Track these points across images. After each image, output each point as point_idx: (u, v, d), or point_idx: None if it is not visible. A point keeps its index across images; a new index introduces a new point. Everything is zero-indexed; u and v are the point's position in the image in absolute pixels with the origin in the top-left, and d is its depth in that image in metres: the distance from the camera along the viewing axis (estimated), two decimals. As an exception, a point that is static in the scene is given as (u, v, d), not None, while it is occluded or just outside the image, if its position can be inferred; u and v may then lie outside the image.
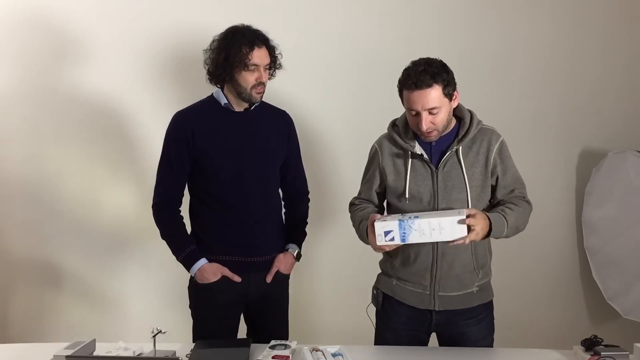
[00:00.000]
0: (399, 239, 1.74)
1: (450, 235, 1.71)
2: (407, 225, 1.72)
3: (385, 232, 1.74)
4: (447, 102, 1.83)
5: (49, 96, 2.77)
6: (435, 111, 1.80)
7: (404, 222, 1.72)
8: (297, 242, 2.20)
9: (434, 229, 1.71)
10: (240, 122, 2.05)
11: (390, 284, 2.01)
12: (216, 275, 2.03)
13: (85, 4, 2.73)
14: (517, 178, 1.95)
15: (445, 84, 1.80)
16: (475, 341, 1.97)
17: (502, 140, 1.92)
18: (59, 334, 2.84)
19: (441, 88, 1.79)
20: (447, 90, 1.81)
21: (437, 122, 1.82)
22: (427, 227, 1.71)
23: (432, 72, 1.78)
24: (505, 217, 1.83)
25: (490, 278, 2.01)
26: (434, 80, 1.77)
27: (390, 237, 1.74)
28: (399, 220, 1.73)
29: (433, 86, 1.78)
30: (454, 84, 1.85)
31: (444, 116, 1.83)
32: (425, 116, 1.80)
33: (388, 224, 1.74)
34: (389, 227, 1.74)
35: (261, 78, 1.99)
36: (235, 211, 2.04)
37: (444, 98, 1.81)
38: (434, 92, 1.78)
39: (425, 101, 1.78)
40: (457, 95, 1.88)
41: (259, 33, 2.00)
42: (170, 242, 2.08)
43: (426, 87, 1.77)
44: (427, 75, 1.77)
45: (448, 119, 1.87)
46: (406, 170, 1.92)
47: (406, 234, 1.73)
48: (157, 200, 2.08)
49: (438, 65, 1.81)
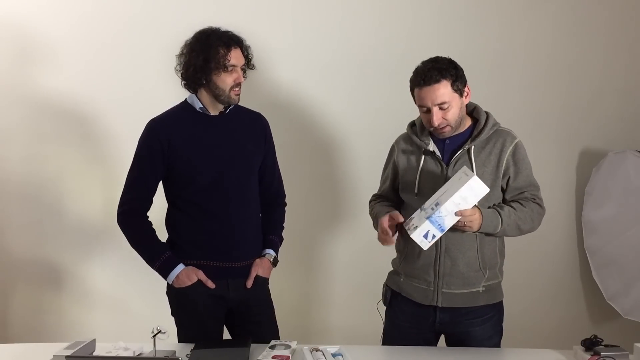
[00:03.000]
0: (439, 232, 1.77)
1: (474, 198, 1.75)
2: (437, 217, 1.75)
3: (424, 236, 1.77)
4: (458, 98, 1.86)
5: (49, 96, 2.77)
6: (445, 106, 1.84)
7: (433, 217, 1.75)
8: (274, 247, 2.16)
9: (459, 203, 1.74)
10: (217, 126, 2.01)
11: (398, 281, 2.04)
12: (191, 279, 1.98)
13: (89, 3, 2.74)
14: (531, 182, 1.95)
15: (453, 79, 1.84)
16: (480, 341, 1.97)
17: (517, 143, 1.93)
18: (59, 334, 2.84)
19: (450, 83, 1.83)
20: (456, 85, 1.85)
21: (449, 118, 1.86)
22: (452, 207, 1.75)
23: (440, 68, 1.83)
24: (500, 213, 1.86)
25: (500, 280, 2.01)
26: (441, 76, 1.82)
27: (432, 236, 1.77)
28: (426, 218, 1.76)
29: (441, 81, 1.82)
30: (464, 80, 1.88)
31: (456, 111, 1.86)
32: (435, 111, 1.84)
33: (422, 228, 1.77)
34: (424, 230, 1.77)
35: (239, 79, 1.97)
36: (214, 216, 2.00)
37: (453, 93, 1.85)
38: (443, 88, 1.82)
39: (435, 96, 1.82)
40: (468, 91, 1.91)
41: (231, 34, 1.98)
42: (143, 251, 2.02)
43: (434, 82, 1.82)
44: (434, 71, 1.82)
45: (461, 115, 1.89)
46: (418, 166, 1.95)
47: (441, 224, 1.76)
48: (124, 207, 2.01)
49: (446, 62, 1.85)
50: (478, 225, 1.82)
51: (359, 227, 2.87)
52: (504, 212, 1.87)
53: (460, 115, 1.89)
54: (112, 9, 2.75)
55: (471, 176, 1.73)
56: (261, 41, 2.66)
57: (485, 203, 1.88)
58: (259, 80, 2.71)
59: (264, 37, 2.68)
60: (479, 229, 1.84)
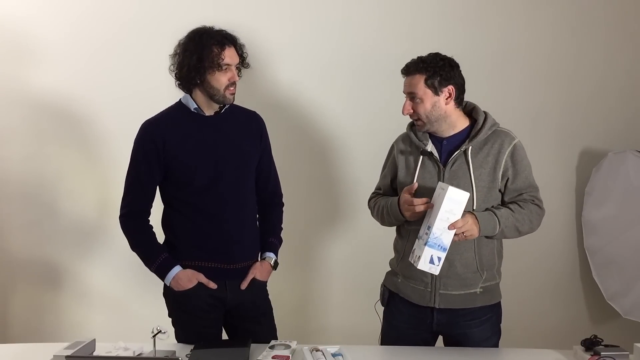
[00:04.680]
0: (442, 252, 1.77)
1: (459, 206, 1.74)
2: (433, 240, 1.75)
3: (430, 262, 1.77)
4: (431, 95, 1.86)
5: (48, 96, 2.77)
6: (416, 100, 1.87)
7: (430, 241, 1.75)
8: (274, 250, 2.15)
9: (448, 218, 1.74)
10: (212, 126, 2.00)
11: (396, 282, 2.04)
12: (191, 282, 1.97)
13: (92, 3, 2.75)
14: (530, 183, 1.93)
15: (429, 75, 1.85)
16: (478, 342, 1.97)
17: (515, 144, 1.91)
18: (59, 334, 2.85)
19: (424, 78, 1.85)
20: (431, 81, 1.85)
21: (420, 112, 1.88)
22: (443, 224, 1.74)
23: (421, 62, 1.87)
24: (497, 214, 1.84)
25: (498, 281, 2.00)
26: (417, 69, 1.87)
27: (437, 259, 1.77)
28: (424, 245, 1.76)
29: (415, 75, 1.87)
30: (447, 80, 1.86)
31: (428, 107, 1.87)
32: (406, 100, 1.89)
33: (424, 256, 1.76)
34: (427, 257, 1.77)
35: (234, 78, 1.96)
36: (211, 217, 1.99)
37: (426, 89, 1.86)
38: (415, 80, 1.87)
39: (406, 86, 1.90)
40: (449, 93, 1.87)
41: (225, 33, 1.97)
42: (141, 252, 2.02)
43: (409, 74, 1.89)
44: (414, 64, 1.88)
45: (437, 114, 1.88)
46: (416, 166, 1.95)
47: (440, 244, 1.76)
48: (125, 210, 2.02)
49: (434, 59, 1.87)
50: (478, 231, 1.81)
51: (357, 227, 2.88)
52: (501, 213, 1.86)
53: (436, 114, 1.87)
54: (110, 10, 2.74)
55: (447, 189, 1.72)
56: (260, 40, 2.67)
57: (482, 205, 1.88)
58: (258, 79, 2.71)
59: (262, 36, 2.69)
60: (480, 234, 1.83)
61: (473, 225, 1.80)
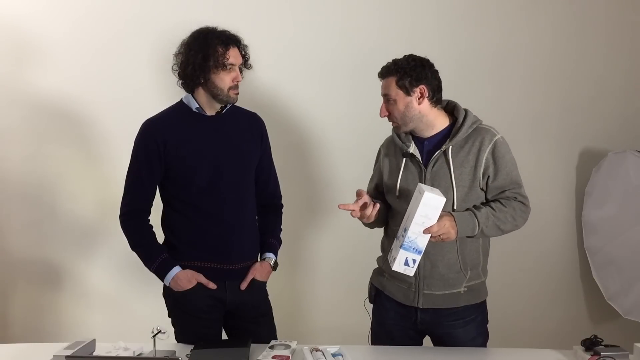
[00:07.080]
0: (417, 254, 1.76)
1: (434, 212, 1.72)
2: (408, 243, 1.75)
3: (405, 264, 1.77)
4: (403, 95, 1.86)
5: (48, 96, 2.77)
6: (390, 101, 1.89)
7: (405, 244, 1.75)
8: (273, 250, 2.15)
9: (424, 222, 1.73)
10: (213, 127, 2.00)
11: (382, 280, 2.04)
12: (191, 283, 1.97)
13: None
14: (512, 179, 1.88)
15: (399, 76, 1.85)
16: (464, 342, 1.96)
17: (497, 141, 1.87)
18: (59, 334, 2.84)
19: (395, 80, 1.86)
20: (402, 82, 1.86)
21: (394, 114, 1.90)
22: (418, 227, 1.73)
23: (394, 63, 1.88)
24: (476, 215, 1.82)
25: (483, 279, 1.99)
26: (388, 72, 1.89)
27: (412, 261, 1.77)
28: (400, 247, 1.76)
29: (388, 77, 1.89)
30: (420, 81, 1.85)
31: (401, 108, 1.88)
32: (382, 103, 1.91)
33: (399, 258, 1.76)
34: (402, 259, 1.76)
35: (238, 78, 1.96)
36: (211, 217, 1.99)
37: (397, 90, 1.87)
38: (388, 82, 1.89)
39: (382, 89, 1.92)
40: (421, 93, 1.86)
41: (229, 33, 1.97)
42: (141, 252, 2.02)
43: (383, 76, 1.91)
44: (387, 67, 1.90)
45: (411, 115, 1.87)
46: (399, 168, 1.95)
47: (415, 247, 1.75)
48: (125, 210, 2.02)
49: (405, 60, 1.88)
50: (455, 233, 1.79)
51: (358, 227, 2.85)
52: (481, 213, 1.83)
53: (410, 114, 1.87)
54: (111, 11, 2.74)
55: (423, 193, 1.71)
56: (260, 41, 2.66)
57: (463, 205, 1.86)
58: (258, 80, 2.70)
59: (262, 37, 2.68)
60: (458, 236, 1.81)
61: (450, 228, 1.77)
